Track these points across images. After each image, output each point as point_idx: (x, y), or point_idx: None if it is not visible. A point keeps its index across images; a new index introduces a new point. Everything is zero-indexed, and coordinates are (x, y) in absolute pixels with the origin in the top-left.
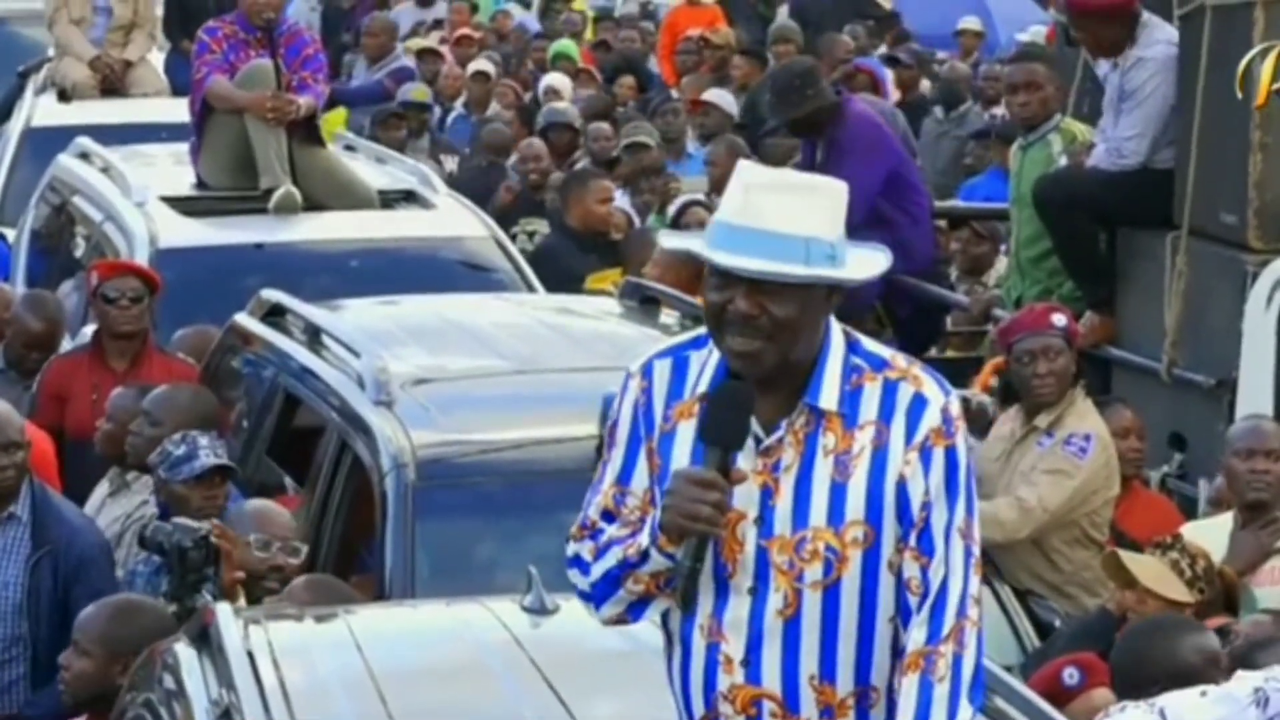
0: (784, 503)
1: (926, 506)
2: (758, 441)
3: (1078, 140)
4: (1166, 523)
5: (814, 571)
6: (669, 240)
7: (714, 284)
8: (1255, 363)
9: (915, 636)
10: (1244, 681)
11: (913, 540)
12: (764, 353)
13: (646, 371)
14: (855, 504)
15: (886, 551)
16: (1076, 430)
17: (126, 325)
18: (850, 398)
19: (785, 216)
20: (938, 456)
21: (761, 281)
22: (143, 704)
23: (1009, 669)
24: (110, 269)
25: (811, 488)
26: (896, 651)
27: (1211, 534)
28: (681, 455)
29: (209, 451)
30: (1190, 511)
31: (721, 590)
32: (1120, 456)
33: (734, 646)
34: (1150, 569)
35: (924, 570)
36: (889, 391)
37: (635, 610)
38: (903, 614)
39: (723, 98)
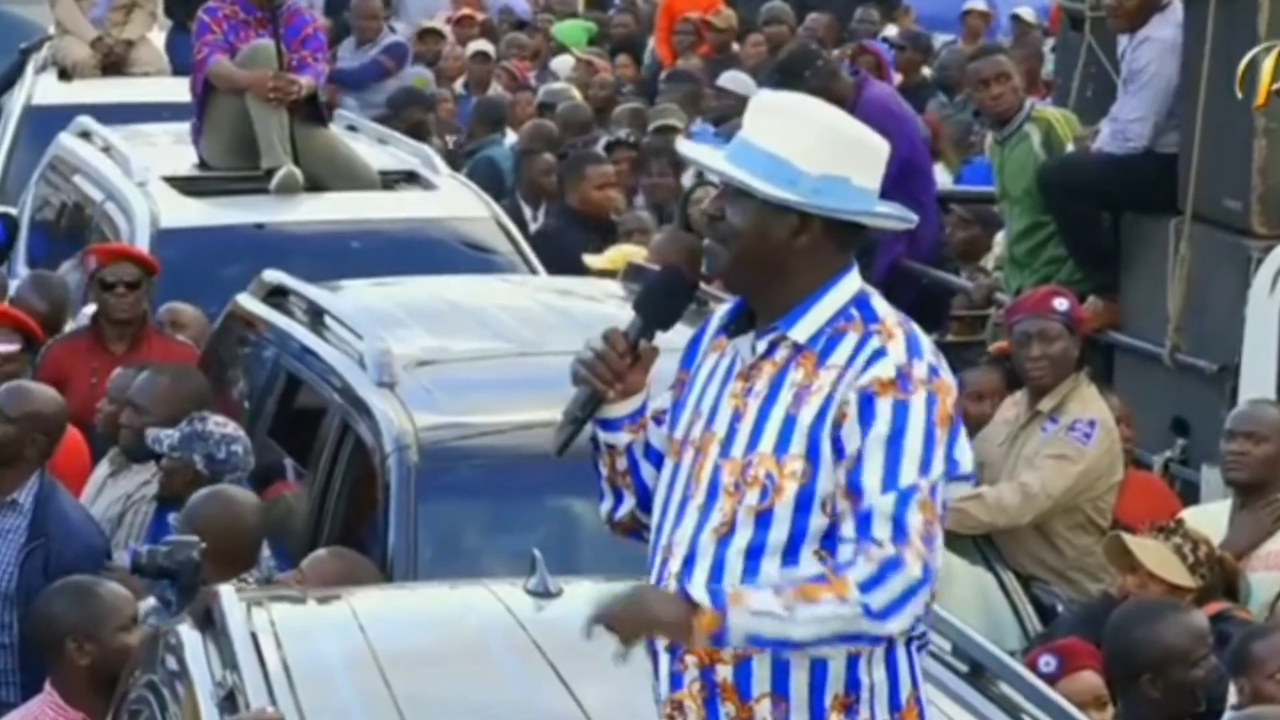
0: (745, 426)
1: (860, 451)
2: (736, 366)
3: (1054, 127)
4: (1162, 505)
5: (752, 496)
6: (684, 146)
7: None
8: (1258, 348)
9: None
10: None
11: (842, 478)
12: (717, 255)
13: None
14: (800, 438)
15: (822, 490)
16: (1081, 416)
17: (123, 312)
18: (830, 340)
19: (760, 131)
20: (883, 408)
21: (729, 187)
22: (145, 685)
23: (1012, 653)
24: (107, 254)
25: (770, 415)
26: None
27: (1211, 519)
28: (699, 384)
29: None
30: (1192, 497)
31: (683, 508)
32: None
33: (676, 560)
34: (1154, 553)
35: (853, 509)
36: (863, 342)
37: (615, 503)
38: (829, 547)
39: (737, 80)
